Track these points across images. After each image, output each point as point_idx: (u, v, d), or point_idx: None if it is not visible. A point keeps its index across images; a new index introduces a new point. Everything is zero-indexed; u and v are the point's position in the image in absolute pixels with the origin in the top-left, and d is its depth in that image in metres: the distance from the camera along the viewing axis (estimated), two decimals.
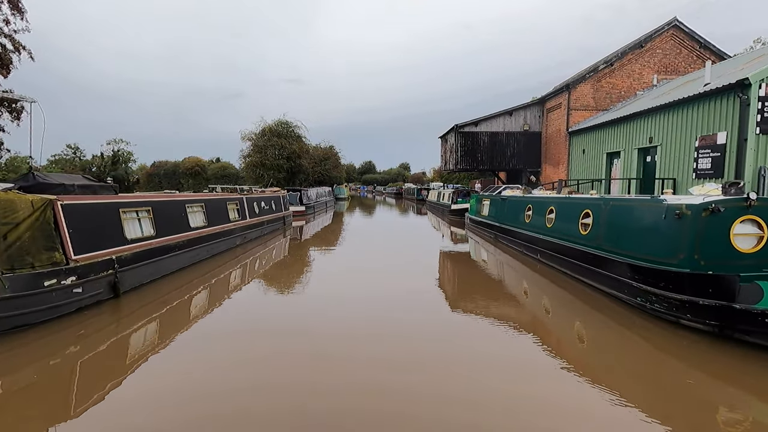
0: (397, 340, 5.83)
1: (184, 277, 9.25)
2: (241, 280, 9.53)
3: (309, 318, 6.88)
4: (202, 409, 3.99)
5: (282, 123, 36.97)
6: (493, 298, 8.52)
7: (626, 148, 16.51)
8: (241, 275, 10.08)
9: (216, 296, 8.07)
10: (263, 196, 17.38)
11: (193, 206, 10.80)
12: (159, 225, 8.88)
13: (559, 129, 22.68)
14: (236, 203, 13.96)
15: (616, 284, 7.32)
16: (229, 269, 10.48)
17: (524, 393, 4.33)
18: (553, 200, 10.78)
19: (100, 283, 6.81)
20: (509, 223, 13.78)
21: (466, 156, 25.40)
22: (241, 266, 11.01)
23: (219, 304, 7.48)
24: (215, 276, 9.67)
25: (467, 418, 3.79)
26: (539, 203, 11.63)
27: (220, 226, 12.14)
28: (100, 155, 73.71)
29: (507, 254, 12.73)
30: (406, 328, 6.37)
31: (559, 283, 9.07)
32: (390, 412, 3.94)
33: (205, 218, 11.29)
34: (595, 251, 8.12)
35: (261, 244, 14.97)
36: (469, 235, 18.50)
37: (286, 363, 5.05)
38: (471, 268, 11.66)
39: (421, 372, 4.78)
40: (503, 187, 16.98)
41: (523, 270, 10.75)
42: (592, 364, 5.19)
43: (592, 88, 21.32)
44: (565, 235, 9.55)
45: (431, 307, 7.64)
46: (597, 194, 9.67)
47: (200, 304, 7.54)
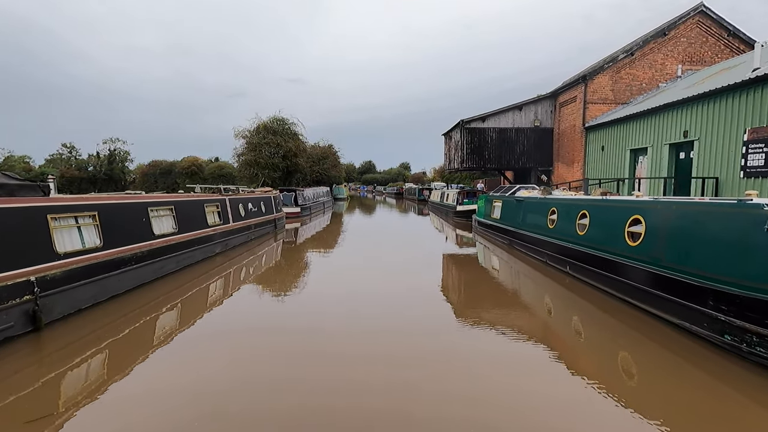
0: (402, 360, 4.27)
1: (143, 296, 7.57)
2: (216, 297, 7.87)
3: (299, 345, 5.40)
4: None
5: (278, 120, 35.26)
6: (514, 316, 7.01)
7: (655, 144, 14.83)
8: (216, 290, 8.42)
9: (177, 320, 6.41)
10: (251, 197, 15.71)
11: (159, 209, 9.12)
12: (108, 234, 7.20)
13: (573, 124, 21.00)
14: (216, 205, 12.29)
15: (685, 313, 5.64)
16: (202, 283, 8.80)
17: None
18: (585, 203, 9.10)
19: (9, 314, 5.14)
20: (527, 228, 12.10)
21: (473, 154, 23.73)
22: (217, 279, 9.33)
23: (178, 332, 5.82)
24: (183, 293, 8.00)
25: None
26: (567, 206, 9.95)
27: (195, 232, 10.47)
28: (96, 154, 72.49)
29: (525, 263, 11.06)
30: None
31: (598, 302, 7.42)
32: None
33: (174, 223, 9.62)
34: (649, 268, 6.45)
35: (247, 250, 13.31)
36: (477, 239, 16.86)
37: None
38: (485, 281, 10.01)
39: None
40: (517, 187, 15.32)
41: (547, 284, 9.12)
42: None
43: (610, 80, 19.64)
44: (605, 245, 7.87)
45: (446, 331, 6.11)
46: (644, 195, 7.99)
47: (153, 334, 5.86)
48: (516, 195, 14.50)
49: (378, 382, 4.46)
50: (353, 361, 4.98)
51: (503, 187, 16.86)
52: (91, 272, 6.60)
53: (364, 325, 6.35)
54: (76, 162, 73.16)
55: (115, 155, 73.52)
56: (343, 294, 8.22)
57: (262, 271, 10.78)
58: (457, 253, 14.41)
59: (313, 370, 4.69)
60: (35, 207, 5.80)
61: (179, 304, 7.33)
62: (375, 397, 4.17)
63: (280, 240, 16.84)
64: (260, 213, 16.29)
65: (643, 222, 6.92)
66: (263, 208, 16.79)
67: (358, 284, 9.20)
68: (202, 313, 6.92)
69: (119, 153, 74.39)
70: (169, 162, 76.70)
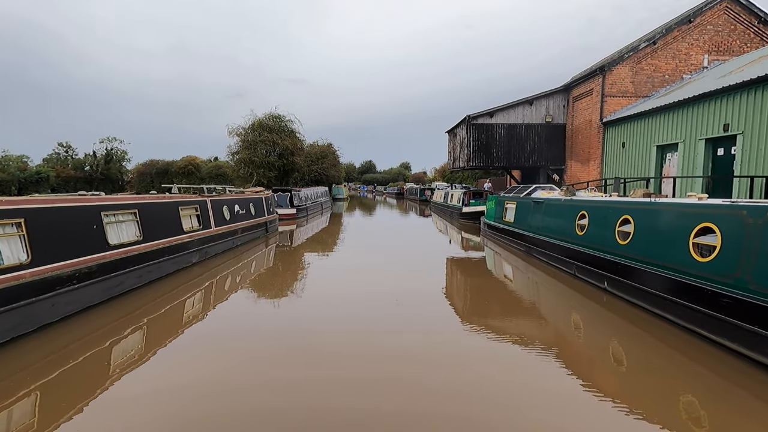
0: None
1: (89, 323, 6.07)
2: (181, 318, 6.38)
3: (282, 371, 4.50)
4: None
5: (273, 116, 33.75)
6: (532, 330, 6.21)
7: (687, 140, 13.32)
8: (185, 309, 6.93)
9: (127, 358, 4.91)
10: (238, 198, 14.21)
11: (117, 214, 7.62)
12: (39, 246, 5.71)
13: (589, 119, 19.50)
14: (195, 208, 10.79)
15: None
16: (167, 303, 7.31)
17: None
18: (628, 206, 7.59)
19: None
20: (549, 234, 10.60)
21: (480, 152, 22.22)
22: (189, 296, 7.83)
23: (125, 373, 4.32)
24: (145, 314, 6.51)
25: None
26: (602, 210, 8.44)
27: (166, 240, 8.97)
28: (92, 154, 71.36)
29: (547, 274, 9.57)
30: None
31: (652, 329, 5.93)
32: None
33: (138, 230, 8.12)
34: (730, 291, 4.96)
35: (233, 258, 11.83)
36: (486, 243, 15.42)
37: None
38: (499, 291, 8.53)
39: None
40: (533, 187, 13.84)
41: (577, 300, 7.74)
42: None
43: (630, 71, 18.13)
44: (660, 259, 6.37)
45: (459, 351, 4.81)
46: (706, 197, 6.49)
47: (82, 390, 4.36)
48: (533, 196, 13.01)
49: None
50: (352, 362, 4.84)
51: (516, 187, 15.38)
52: (11, 296, 5.11)
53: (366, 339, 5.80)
54: (72, 161, 72.06)
55: (112, 155, 72.55)
56: (338, 306, 7.37)
57: (247, 282, 9.32)
58: (466, 258, 12.93)
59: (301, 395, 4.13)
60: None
61: (133, 332, 5.84)
62: (375, 397, 4.10)
63: (273, 245, 15.36)
64: (249, 216, 14.80)
65: (718, 232, 5.42)
66: (252, 210, 15.30)
67: (356, 295, 8.35)
68: (166, 336, 5.46)
69: (116, 152, 73.49)
70: (165, 161, 75.59)
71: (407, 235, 19.27)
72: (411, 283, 9.19)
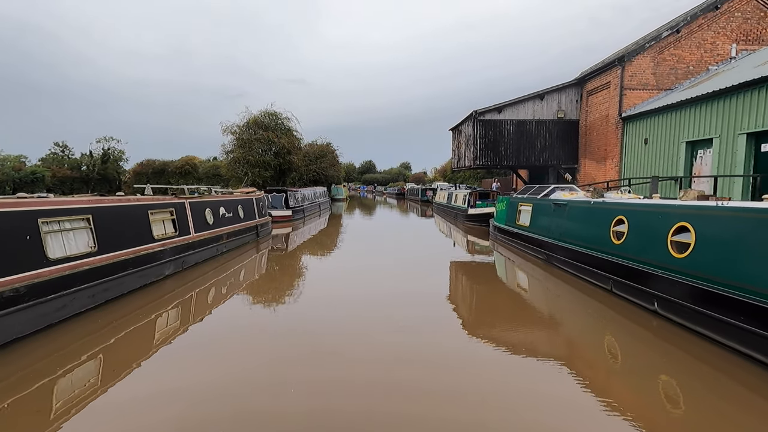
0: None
1: (14, 360, 4.73)
2: (140, 347, 5.03)
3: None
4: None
5: (269, 114, 32.38)
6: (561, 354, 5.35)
7: (724, 134, 11.95)
8: (146, 335, 5.57)
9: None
10: (224, 200, 12.84)
11: (62, 221, 6.26)
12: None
13: (606, 114, 18.13)
14: (170, 211, 9.43)
15: None
16: (127, 326, 5.94)
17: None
18: (686, 211, 6.23)
19: None
20: (575, 241, 9.24)
21: (487, 150, 20.86)
22: (154, 316, 6.48)
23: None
24: (92, 345, 5.16)
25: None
26: (647, 215, 7.08)
27: (130, 250, 7.61)
28: (89, 153, 70.29)
29: (574, 287, 8.22)
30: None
31: (727, 368, 4.59)
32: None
33: (92, 240, 6.76)
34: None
35: (216, 267, 10.49)
36: (497, 248, 14.13)
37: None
38: (514, 302, 7.20)
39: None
40: (551, 187, 12.48)
41: (617, 322, 6.44)
42: None
43: (652, 62, 16.77)
44: (743, 281, 5.02)
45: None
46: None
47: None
48: (552, 197, 11.66)
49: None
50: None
51: (531, 188, 14.03)
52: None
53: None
54: (68, 161, 71.00)
55: (109, 154, 71.52)
56: (336, 308, 7.09)
57: (230, 295, 8.04)
58: (474, 264, 11.60)
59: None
60: None
61: (68, 372, 4.48)
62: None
63: (264, 250, 14.02)
64: (237, 219, 13.44)
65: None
66: (241, 212, 13.94)
67: (355, 299, 7.95)
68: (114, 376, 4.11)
69: (113, 152, 72.45)
70: (162, 161, 74.45)
71: (410, 237, 17.90)
72: (413, 285, 8.88)
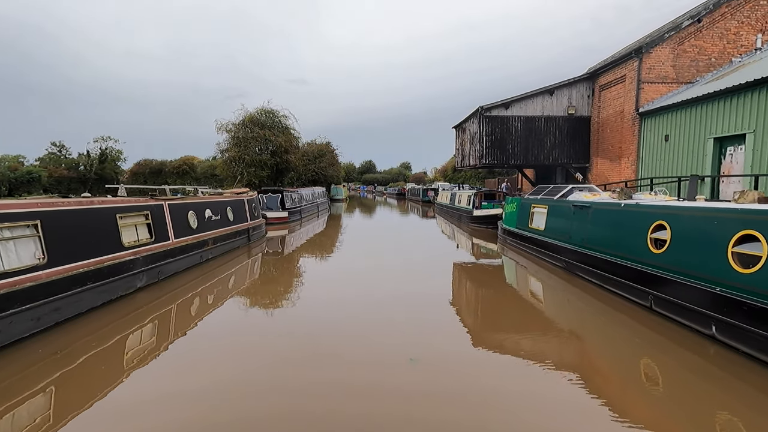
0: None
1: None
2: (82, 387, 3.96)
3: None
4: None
5: (266, 111, 31.29)
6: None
7: (759, 129, 10.88)
8: (110, 365, 4.51)
9: None
10: (211, 201, 11.77)
11: (2, 229, 5.19)
12: None
13: (620, 110, 17.06)
14: (145, 215, 8.35)
15: None
16: (74, 358, 4.87)
17: None
18: (758, 218, 5.15)
19: None
20: (603, 249, 8.16)
21: (493, 148, 19.77)
22: (115, 340, 5.40)
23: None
24: (29, 385, 4.09)
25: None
26: (697, 221, 6.00)
27: (91, 261, 6.53)
28: (86, 153, 69.50)
29: (604, 303, 7.13)
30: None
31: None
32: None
33: (40, 250, 5.69)
34: None
35: (199, 276, 9.44)
36: (506, 253, 13.15)
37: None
38: (526, 311, 6.15)
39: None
40: (568, 187, 11.41)
41: (662, 348, 5.33)
42: None
43: (671, 53, 15.69)
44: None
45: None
46: None
47: None
48: (570, 198, 10.60)
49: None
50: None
51: (544, 188, 12.97)
52: None
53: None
54: (65, 161, 70.21)
55: (107, 154, 70.75)
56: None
57: (211, 310, 6.97)
58: (481, 269, 10.55)
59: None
60: None
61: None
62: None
63: (257, 255, 12.99)
64: (225, 222, 12.36)
65: None
66: (230, 214, 12.86)
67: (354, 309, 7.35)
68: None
69: (111, 152, 71.67)
70: (159, 161, 73.58)
71: (411, 239, 16.81)
72: (415, 287, 8.64)
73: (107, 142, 71.23)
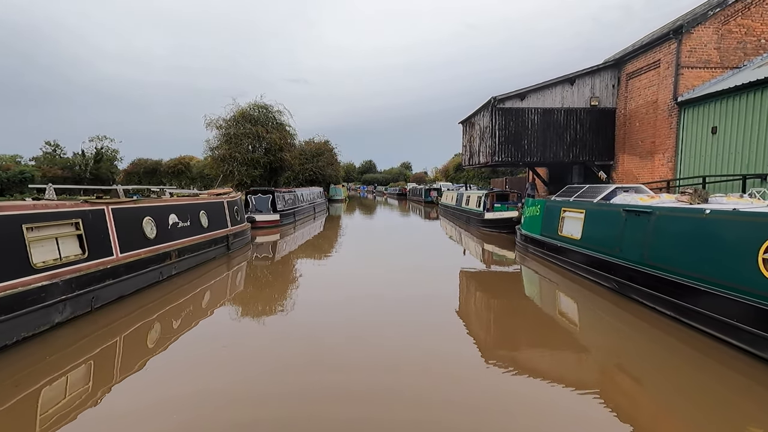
0: None
1: None
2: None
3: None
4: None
5: (259, 106, 29.28)
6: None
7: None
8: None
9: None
10: (178, 205, 9.78)
11: None
12: None
13: (654, 100, 15.07)
14: (73, 224, 6.37)
15: None
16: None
17: None
18: None
19: None
20: (678, 269, 6.17)
21: (507, 143, 17.78)
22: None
23: None
24: None
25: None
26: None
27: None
28: (81, 153, 67.95)
29: (691, 346, 5.09)
30: None
31: None
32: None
33: None
34: None
35: (155, 300, 7.47)
36: (527, 263, 11.24)
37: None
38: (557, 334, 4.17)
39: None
40: (611, 187, 9.44)
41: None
42: None
43: (715, 34, 13.71)
44: None
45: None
46: None
47: None
48: (615, 201, 8.62)
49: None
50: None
51: (575, 189, 11.00)
52: None
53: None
54: (60, 161, 68.68)
55: (102, 153, 69.25)
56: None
57: (162, 348, 4.93)
58: (500, 280, 8.59)
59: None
60: None
61: None
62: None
63: (239, 265, 11.03)
64: (197, 228, 10.38)
65: None
66: (204, 220, 10.87)
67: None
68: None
69: (107, 151, 70.21)
70: (153, 160, 71.90)
71: (421, 248, 14.80)
72: (423, 295, 7.79)
73: (103, 142, 69.77)
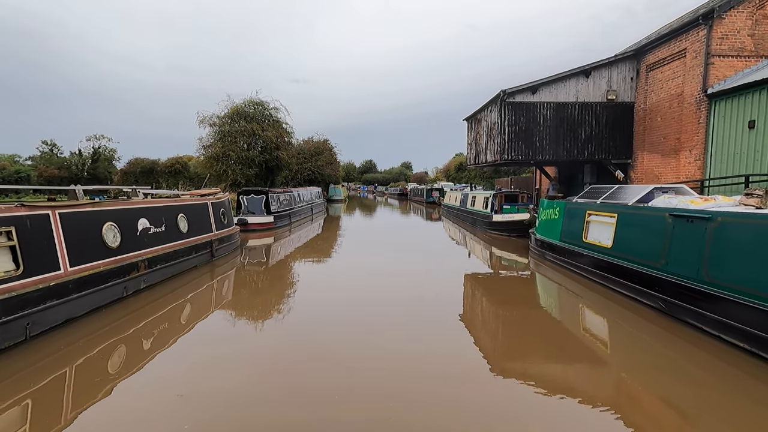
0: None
1: None
2: None
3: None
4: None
5: (254, 103, 28.09)
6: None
7: None
8: None
9: None
10: (150, 208, 8.54)
11: None
12: None
13: (679, 93, 13.85)
14: (4, 233, 5.16)
15: None
16: None
17: None
18: None
19: None
20: (752, 290, 4.97)
21: (518, 140, 16.54)
22: None
23: None
24: None
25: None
26: None
27: None
28: (78, 152, 67.19)
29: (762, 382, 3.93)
30: None
31: None
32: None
33: None
34: None
35: (115, 321, 6.27)
36: (542, 271, 10.09)
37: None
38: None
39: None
40: (649, 188, 8.22)
41: None
42: None
43: (749, 19, 12.48)
44: None
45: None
46: None
47: None
48: (658, 204, 7.41)
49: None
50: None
51: (601, 189, 9.80)
52: None
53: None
54: (57, 160, 67.92)
55: (100, 153, 68.58)
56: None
57: (117, 381, 3.68)
58: (515, 290, 7.40)
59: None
60: None
61: None
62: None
63: (224, 274, 9.83)
64: (175, 234, 9.16)
65: None
66: (183, 224, 9.65)
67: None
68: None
69: (104, 151, 69.56)
70: (150, 160, 70.92)
71: (427, 255, 13.55)
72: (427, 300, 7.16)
73: (100, 141, 69.10)
